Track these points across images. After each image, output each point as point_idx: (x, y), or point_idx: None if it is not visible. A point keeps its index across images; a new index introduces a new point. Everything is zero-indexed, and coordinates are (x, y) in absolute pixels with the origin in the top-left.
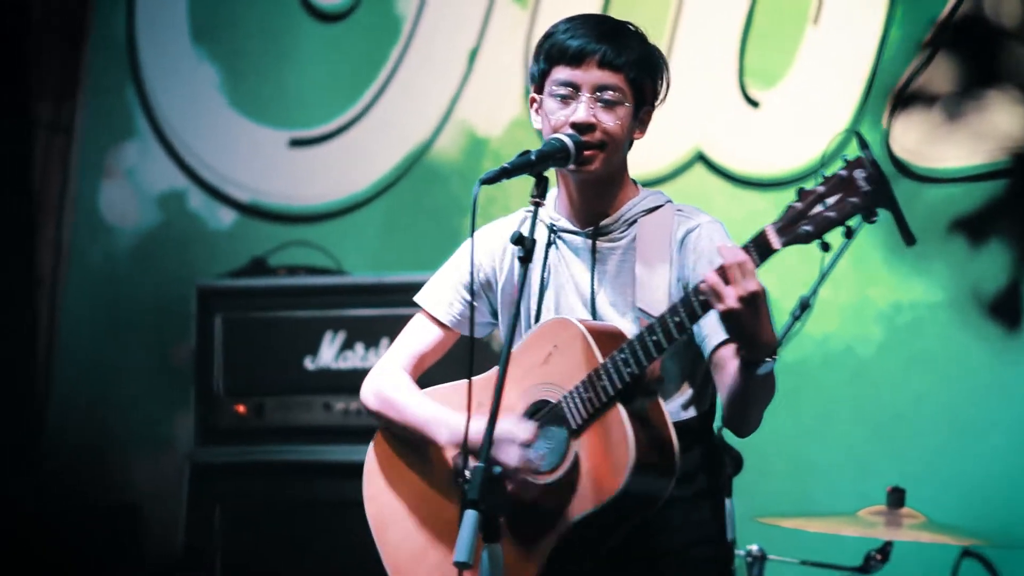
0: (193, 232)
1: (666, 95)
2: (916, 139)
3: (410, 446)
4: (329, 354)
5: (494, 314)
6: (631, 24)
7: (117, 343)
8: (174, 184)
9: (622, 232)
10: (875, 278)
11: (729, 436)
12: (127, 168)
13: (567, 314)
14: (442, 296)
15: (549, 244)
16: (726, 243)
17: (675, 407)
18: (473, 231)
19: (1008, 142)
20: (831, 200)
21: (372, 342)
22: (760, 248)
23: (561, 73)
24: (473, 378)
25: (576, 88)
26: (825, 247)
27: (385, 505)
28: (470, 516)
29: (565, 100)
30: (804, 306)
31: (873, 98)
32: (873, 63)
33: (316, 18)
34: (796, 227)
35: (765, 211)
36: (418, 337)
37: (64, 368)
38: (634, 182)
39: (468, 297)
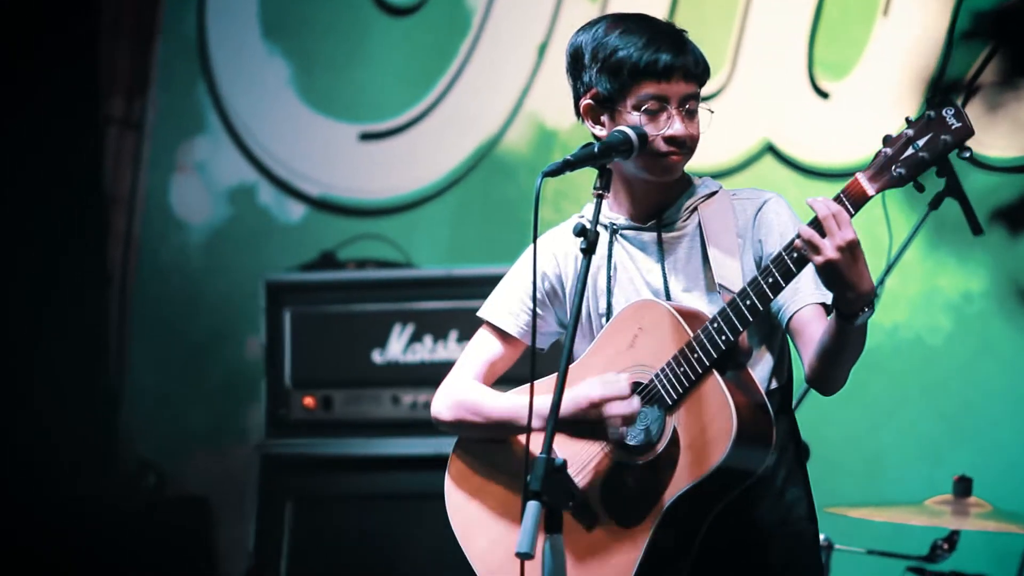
0: (263, 226)
1: None
2: None
3: (489, 454)
4: (397, 347)
5: (561, 323)
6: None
7: (188, 338)
8: (244, 179)
9: (684, 221)
10: (944, 268)
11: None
12: (197, 163)
13: None
14: (506, 307)
15: (611, 244)
16: (792, 215)
17: (760, 379)
18: (536, 224)
19: None
20: (921, 141)
21: (441, 335)
22: (853, 197)
23: (649, 88)
24: (545, 379)
25: (667, 101)
26: (920, 188)
27: (469, 516)
28: (532, 507)
29: (655, 114)
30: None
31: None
32: (941, 55)
33: (386, 12)
34: (889, 171)
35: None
36: (484, 349)
37: (136, 363)
38: (684, 173)
39: (532, 305)
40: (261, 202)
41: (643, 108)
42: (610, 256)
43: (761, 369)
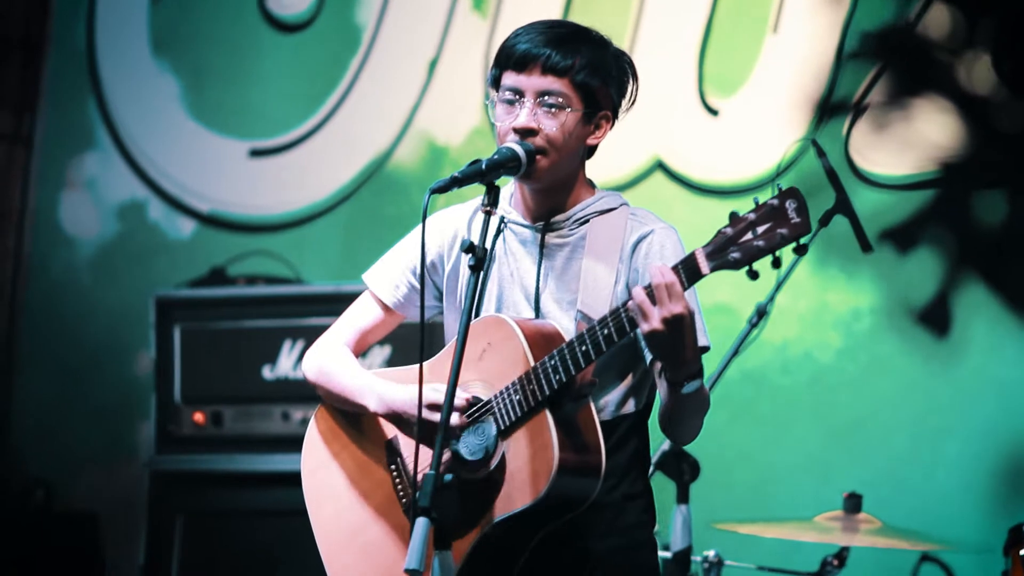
0: (153, 242)
1: (634, 99)
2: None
3: (349, 421)
4: (288, 363)
5: (439, 298)
6: (592, 30)
7: (78, 353)
8: (134, 195)
9: (571, 229)
10: (834, 284)
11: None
12: (87, 179)
13: (510, 307)
14: (389, 278)
15: (498, 234)
16: (677, 251)
17: (611, 403)
18: (424, 241)
19: (936, 152)
20: (761, 229)
21: None
22: (689, 271)
23: (508, 79)
24: (406, 368)
25: (520, 94)
26: (753, 275)
27: (322, 481)
28: (421, 524)
29: (511, 105)
30: (761, 313)
31: (832, 106)
32: (831, 73)
33: (276, 28)
34: (725, 253)
35: (724, 219)
36: (362, 315)
37: (25, 378)
38: (593, 185)
39: (414, 281)
40: (151, 218)
41: (501, 98)
42: (493, 247)
43: (614, 394)
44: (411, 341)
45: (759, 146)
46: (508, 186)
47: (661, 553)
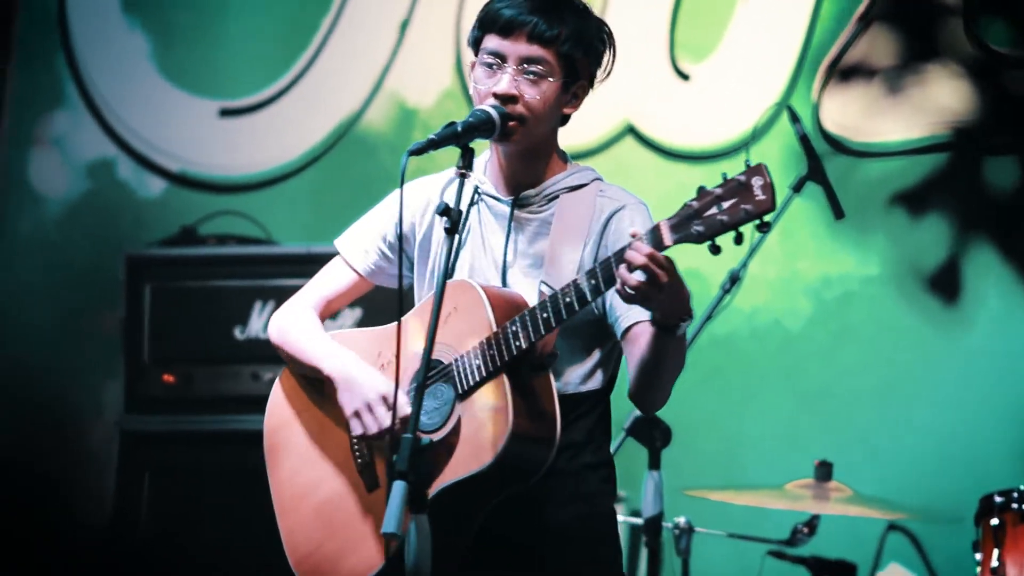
0: (122, 201)
1: (609, 70)
2: (854, 113)
3: (312, 383)
4: (258, 324)
5: (410, 268)
6: None
7: (46, 311)
8: (103, 153)
9: (541, 206)
10: (804, 252)
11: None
12: (56, 137)
13: (479, 276)
14: (360, 244)
15: (472, 204)
16: (647, 226)
17: (574, 379)
18: (401, 203)
19: (948, 116)
20: (726, 204)
21: None
22: (654, 242)
23: (491, 42)
24: (372, 328)
25: (503, 59)
26: (716, 250)
27: (281, 440)
28: (399, 487)
29: (492, 69)
30: (734, 279)
31: (805, 71)
32: (805, 35)
33: None
34: (689, 226)
35: (694, 185)
36: (331, 280)
37: None
38: (565, 157)
39: (384, 249)
40: (120, 176)
41: (482, 61)
42: (467, 217)
43: (578, 369)
44: (381, 304)
45: (731, 111)
46: (484, 154)
47: (632, 519)
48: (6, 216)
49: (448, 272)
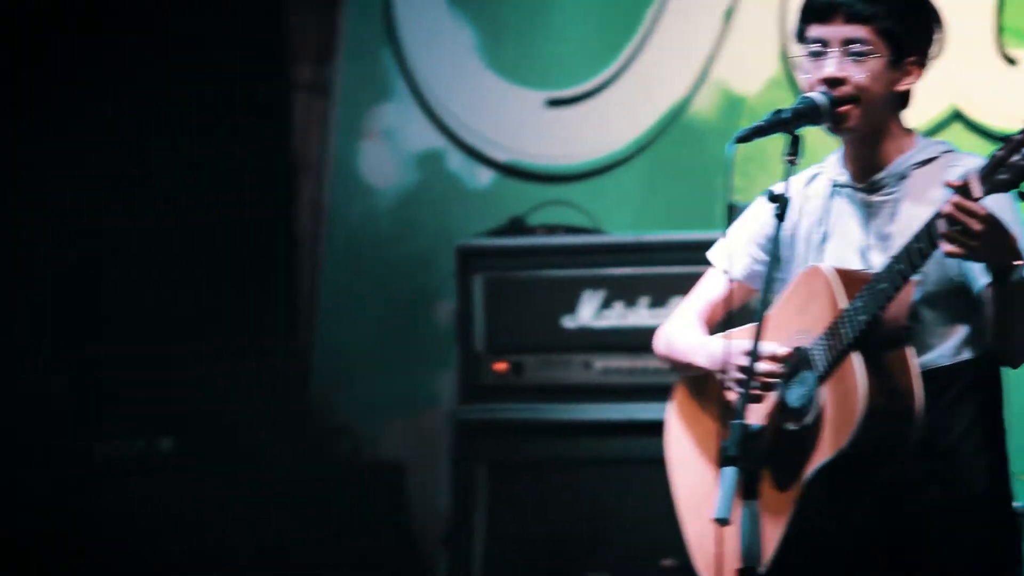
0: (451, 192)
1: (942, 45)
2: None
3: (699, 389)
4: (587, 313)
5: (779, 267)
6: None
7: (378, 302)
8: (432, 144)
9: (893, 187)
10: None
11: None
12: (385, 129)
13: (842, 265)
14: (731, 251)
15: (832, 197)
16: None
17: (947, 350)
18: (730, 190)
19: None
20: None
21: (630, 301)
22: (964, 193)
23: (813, 31)
24: (749, 325)
25: (826, 44)
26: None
27: (680, 449)
28: (728, 473)
29: (817, 57)
30: None
31: None
32: None
33: None
34: (995, 175)
35: None
36: (708, 290)
37: (326, 327)
38: (913, 136)
39: (755, 252)
40: (449, 168)
41: (808, 51)
42: (828, 211)
43: (950, 340)
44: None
45: None
46: (839, 147)
47: None
48: (336, 208)
49: (777, 257)
